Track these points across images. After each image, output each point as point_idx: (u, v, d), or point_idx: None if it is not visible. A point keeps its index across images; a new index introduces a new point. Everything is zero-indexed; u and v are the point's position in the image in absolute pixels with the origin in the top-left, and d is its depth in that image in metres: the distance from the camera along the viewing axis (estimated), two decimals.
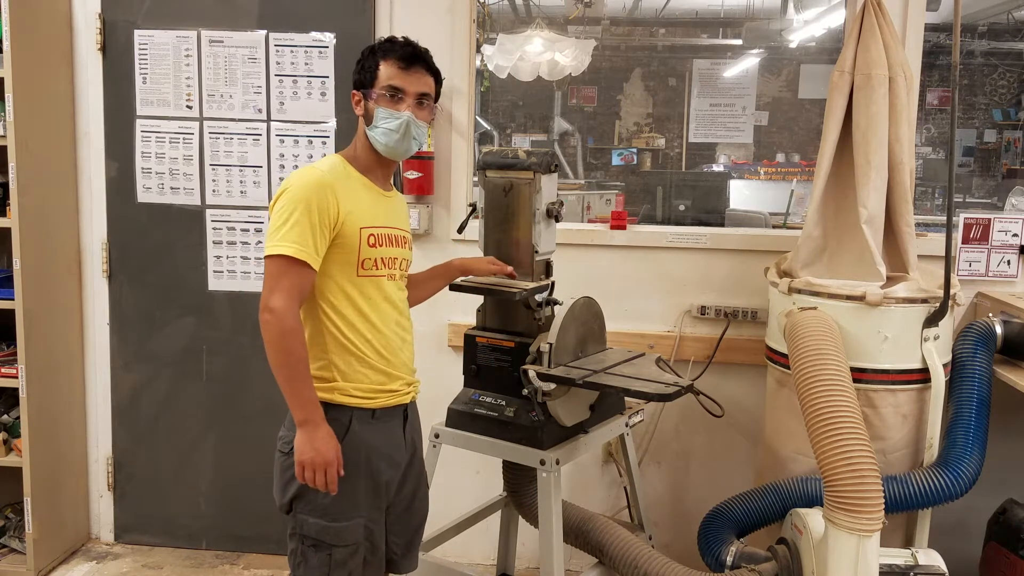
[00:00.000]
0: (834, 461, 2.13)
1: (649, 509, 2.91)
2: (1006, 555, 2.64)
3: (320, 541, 2.00)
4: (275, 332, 1.87)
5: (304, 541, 2.02)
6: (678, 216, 5.31)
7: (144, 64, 3.27)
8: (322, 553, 2.01)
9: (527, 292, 2.33)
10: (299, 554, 2.03)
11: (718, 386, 2.84)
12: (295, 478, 1.98)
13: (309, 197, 1.91)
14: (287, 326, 1.87)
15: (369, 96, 2.04)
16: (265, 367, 3.38)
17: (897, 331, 2.50)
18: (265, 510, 3.42)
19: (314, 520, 2.00)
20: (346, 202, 1.97)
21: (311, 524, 2.01)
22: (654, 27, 9.18)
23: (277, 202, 1.94)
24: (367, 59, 2.06)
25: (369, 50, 2.07)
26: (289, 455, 2.00)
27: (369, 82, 2.05)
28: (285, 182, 1.97)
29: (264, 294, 1.89)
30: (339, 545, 2.01)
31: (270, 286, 1.88)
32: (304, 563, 2.02)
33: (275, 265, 1.89)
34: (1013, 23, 9.01)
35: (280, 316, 1.86)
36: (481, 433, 2.39)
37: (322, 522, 2.00)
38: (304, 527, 2.01)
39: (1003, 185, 8.32)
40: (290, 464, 1.99)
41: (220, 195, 3.30)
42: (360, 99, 2.07)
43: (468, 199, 3.14)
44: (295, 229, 1.88)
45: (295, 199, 1.90)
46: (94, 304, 3.42)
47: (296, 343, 1.89)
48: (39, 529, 3.19)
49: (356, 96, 2.08)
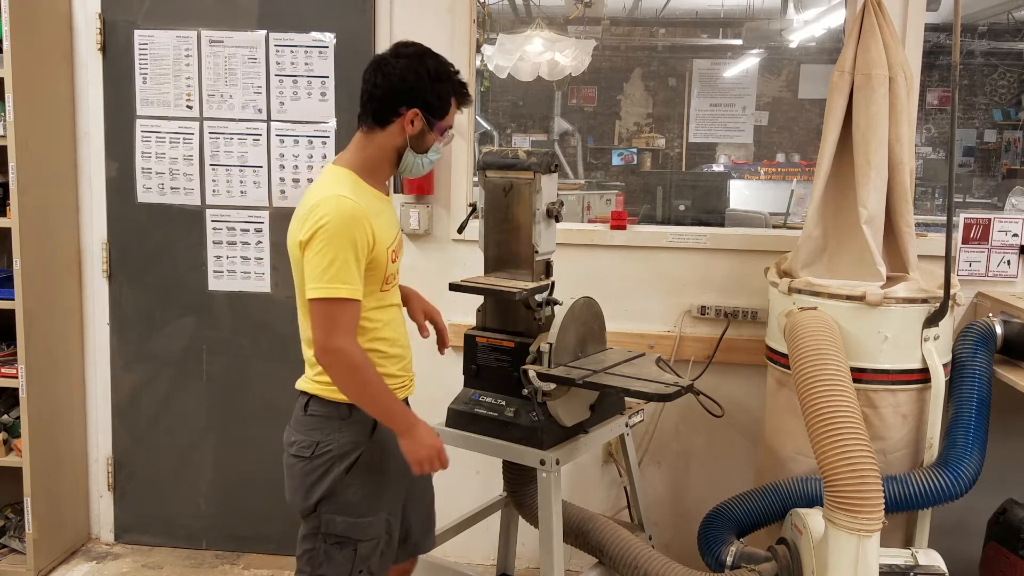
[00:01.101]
0: (834, 461, 2.13)
1: (649, 509, 2.91)
2: (1006, 555, 2.64)
3: (346, 538, 2.03)
4: (346, 369, 1.92)
5: (327, 540, 2.04)
6: (678, 216, 5.31)
7: (144, 64, 3.27)
8: (347, 549, 2.04)
9: (527, 292, 2.33)
10: (321, 553, 2.05)
11: (718, 386, 2.84)
12: (320, 481, 2.01)
13: (350, 232, 1.88)
14: (356, 361, 1.91)
15: (435, 127, 2.02)
16: (265, 367, 3.40)
17: (897, 331, 2.50)
18: (265, 510, 3.42)
19: (342, 519, 2.03)
20: (376, 227, 1.96)
21: (338, 522, 2.03)
22: (654, 27, 9.18)
23: (316, 237, 1.88)
24: (442, 88, 2.00)
25: (441, 78, 2.00)
26: (311, 459, 2.02)
27: (441, 115, 2.02)
28: (317, 213, 1.89)
29: (321, 335, 1.90)
30: (364, 540, 2.05)
31: (327, 327, 1.89)
32: (327, 561, 2.05)
33: (330, 307, 1.89)
34: (1013, 23, 9.01)
35: (347, 354, 1.90)
36: (481, 433, 2.39)
37: (350, 519, 2.03)
38: (330, 526, 2.04)
39: (1003, 185, 8.32)
40: (312, 468, 2.02)
41: (220, 195, 3.30)
42: (421, 124, 2.00)
43: (468, 199, 3.14)
44: (344, 269, 1.88)
45: (336, 234, 1.87)
46: (94, 304, 3.42)
47: (369, 372, 1.93)
48: (39, 529, 3.19)
49: (415, 116, 1.99)
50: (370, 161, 2.03)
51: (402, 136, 2.00)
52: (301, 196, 3.20)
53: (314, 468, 2.02)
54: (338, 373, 1.92)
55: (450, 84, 2.02)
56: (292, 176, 3.26)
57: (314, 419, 2.05)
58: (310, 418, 2.05)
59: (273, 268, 3.31)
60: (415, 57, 1.99)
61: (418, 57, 1.99)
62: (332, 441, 2.02)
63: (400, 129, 2.00)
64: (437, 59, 2.02)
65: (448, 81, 2.02)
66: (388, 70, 1.98)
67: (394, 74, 1.97)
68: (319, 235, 1.88)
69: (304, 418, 2.06)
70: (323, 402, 2.04)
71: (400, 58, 1.99)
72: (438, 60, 2.02)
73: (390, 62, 1.99)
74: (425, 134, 2.02)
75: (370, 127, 2.02)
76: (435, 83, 1.99)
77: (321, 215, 1.89)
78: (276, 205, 3.29)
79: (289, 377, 3.34)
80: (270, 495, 3.42)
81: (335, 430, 2.02)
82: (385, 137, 2.01)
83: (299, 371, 3.29)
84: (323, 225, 1.88)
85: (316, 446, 2.02)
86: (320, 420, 2.04)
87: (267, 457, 3.40)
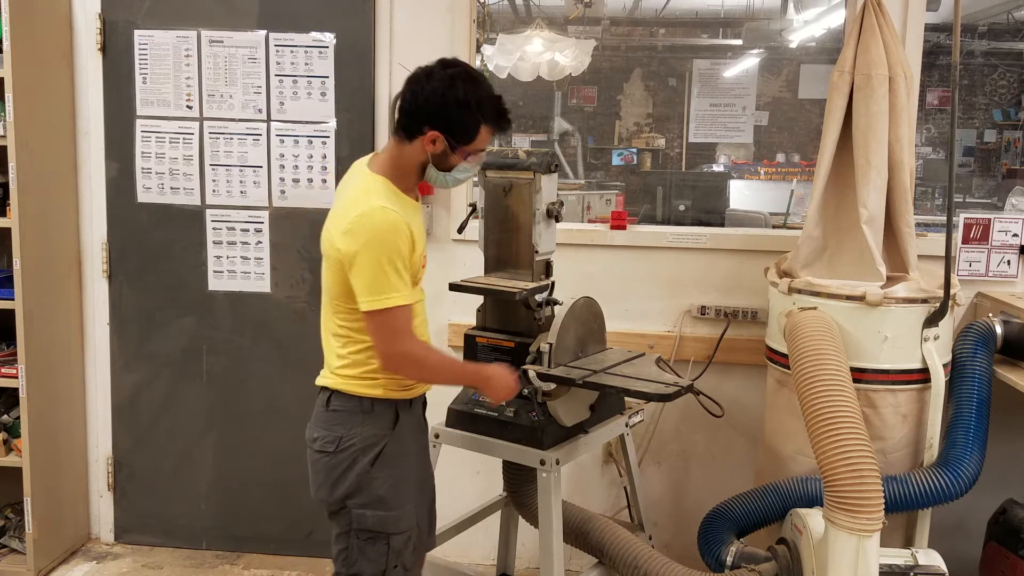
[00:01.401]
0: (834, 461, 2.12)
1: (649, 509, 2.91)
2: (1006, 555, 2.64)
3: (378, 532, 2.07)
4: (414, 367, 2.05)
5: (359, 536, 2.08)
6: (678, 216, 5.31)
7: (144, 64, 3.27)
8: (380, 544, 2.07)
9: (527, 292, 2.33)
10: (355, 550, 2.08)
11: (718, 386, 2.84)
12: (345, 475, 2.05)
13: (395, 242, 1.94)
14: (419, 357, 2.03)
15: (457, 151, 2.02)
16: (265, 367, 3.40)
17: (897, 331, 2.50)
18: (265, 510, 3.43)
19: (372, 513, 2.06)
20: (416, 235, 2.01)
21: (369, 517, 2.07)
22: (654, 27, 9.19)
23: (363, 251, 1.91)
24: (468, 115, 1.99)
25: (468, 105, 1.98)
26: (336, 453, 2.06)
27: (465, 140, 2.01)
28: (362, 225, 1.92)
29: (383, 345, 1.99)
30: (396, 533, 2.09)
31: (387, 337, 1.98)
32: (362, 557, 2.08)
33: (386, 317, 1.96)
34: (1013, 23, 9.01)
35: (414, 355, 2.02)
36: (481, 433, 2.39)
37: (380, 512, 2.07)
38: (361, 521, 2.07)
39: (1003, 185, 8.33)
40: (337, 462, 2.06)
41: (220, 195, 3.30)
42: (443, 146, 2.00)
43: (468, 199, 3.14)
44: (396, 277, 1.94)
45: (382, 246, 1.92)
46: (94, 304, 3.42)
47: (433, 359, 2.08)
48: (39, 529, 3.19)
49: (436, 138, 1.99)
50: (400, 170, 2.06)
51: (425, 153, 2.02)
52: (302, 196, 3.25)
53: (339, 462, 2.06)
54: (409, 372, 2.06)
55: (480, 111, 2.00)
56: (292, 176, 3.26)
57: (336, 414, 2.08)
58: (332, 413, 2.09)
59: (273, 268, 3.31)
60: (447, 80, 1.97)
61: (450, 80, 1.97)
62: (355, 435, 2.06)
63: (422, 146, 2.01)
64: (473, 84, 1.99)
65: (478, 108, 1.99)
66: (418, 88, 1.99)
67: (421, 94, 1.98)
68: (366, 249, 1.92)
69: (326, 414, 2.10)
70: (345, 397, 2.07)
71: (433, 79, 1.98)
72: (473, 86, 1.99)
73: (422, 81, 1.99)
74: (447, 155, 2.03)
75: (400, 138, 2.04)
76: (461, 109, 1.98)
77: (370, 230, 1.92)
78: (276, 205, 3.29)
79: (289, 377, 3.37)
80: (270, 495, 3.42)
81: (357, 424, 2.06)
82: (411, 150, 2.03)
83: (298, 371, 3.31)
84: (369, 238, 1.92)
85: (340, 441, 2.06)
86: (342, 415, 2.08)
87: (267, 457, 3.41)
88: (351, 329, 2.06)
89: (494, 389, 2.14)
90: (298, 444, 3.31)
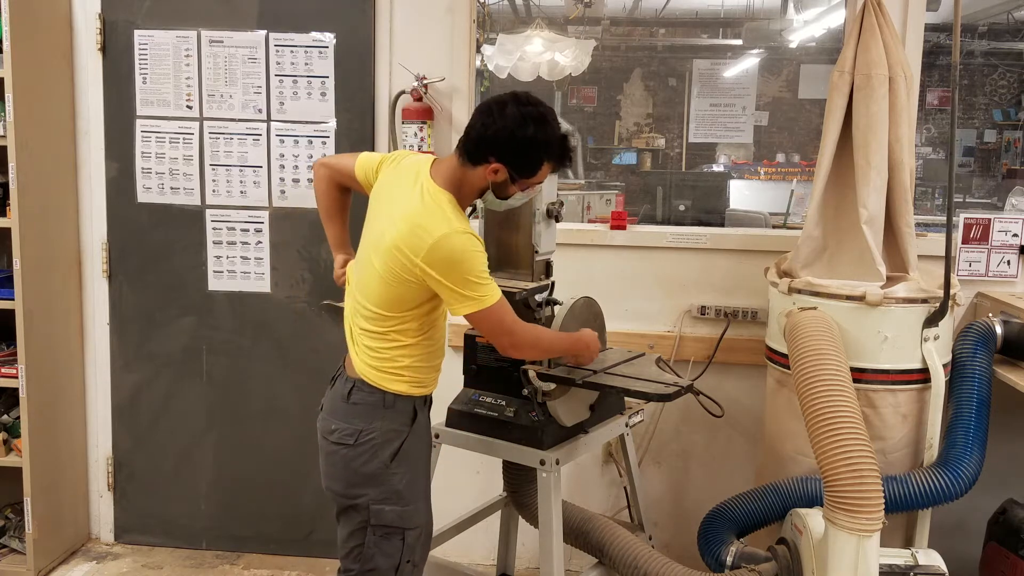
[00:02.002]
0: (834, 461, 2.13)
1: (649, 509, 2.91)
2: (1006, 555, 2.64)
3: (395, 527, 2.10)
4: (535, 348, 2.17)
5: (376, 531, 2.10)
6: (678, 216, 5.31)
7: (144, 64, 3.27)
8: (396, 539, 2.11)
9: (527, 292, 2.33)
10: (372, 545, 2.11)
11: (718, 386, 2.83)
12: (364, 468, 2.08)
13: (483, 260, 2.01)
14: (532, 340, 2.14)
15: (517, 182, 2.07)
16: (264, 367, 3.40)
17: (897, 331, 2.50)
18: (265, 510, 3.43)
19: (390, 508, 2.09)
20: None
21: (387, 512, 2.09)
22: (654, 27, 9.18)
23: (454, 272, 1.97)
24: (532, 152, 2.03)
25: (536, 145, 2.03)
26: (355, 446, 2.08)
27: (527, 175, 2.06)
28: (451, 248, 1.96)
29: (503, 337, 2.07)
30: (411, 528, 2.12)
31: (500, 331, 2.07)
32: (378, 552, 2.11)
33: (489, 314, 2.03)
34: (1013, 23, 9.01)
35: (531, 342, 2.13)
36: (481, 433, 2.39)
37: (398, 508, 2.10)
38: (380, 516, 2.10)
39: (1003, 185, 8.32)
40: (356, 455, 2.08)
41: (220, 195, 3.30)
42: (504, 176, 2.05)
43: None
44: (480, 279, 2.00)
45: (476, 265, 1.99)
46: (94, 304, 3.42)
47: (544, 336, 2.20)
48: (39, 529, 3.19)
49: (498, 169, 2.03)
50: (461, 190, 2.09)
51: (486, 180, 2.06)
52: (302, 196, 3.25)
53: (357, 455, 2.08)
54: (529, 356, 2.18)
55: (546, 151, 2.05)
56: (292, 176, 3.26)
57: (358, 407, 2.10)
58: (352, 406, 2.11)
59: (273, 268, 3.31)
60: (519, 118, 2.00)
61: (522, 119, 2.00)
62: (375, 429, 2.08)
63: (485, 173, 2.05)
64: (542, 124, 2.03)
65: (544, 149, 2.04)
66: (489, 120, 2.02)
67: (492, 126, 2.01)
68: (456, 270, 1.97)
69: (346, 406, 2.11)
70: (367, 390, 2.10)
71: (506, 113, 2.01)
72: (542, 126, 2.03)
73: (495, 113, 2.02)
74: (507, 185, 2.07)
75: (464, 160, 2.07)
76: (528, 148, 2.02)
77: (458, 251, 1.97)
78: (276, 205, 3.29)
79: (289, 377, 3.37)
80: (270, 495, 3.42)
81: (378, 418, 2.09)
82: (473, 175, 2.06)
83: (298, 371, 3.31)
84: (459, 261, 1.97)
85: (359, 434, 2.08)
86: (363, 408, 2.09)
87: (267, 457, 3.41)
88: (390, 327, 2.08)
89: (590, 354, 2.26)
90: (298, 444, 3.34)
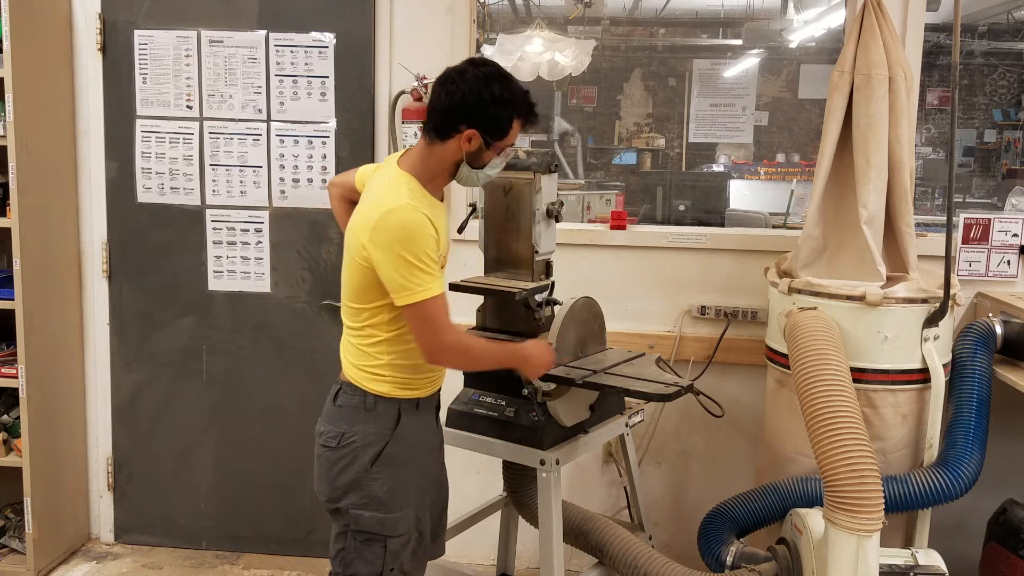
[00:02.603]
0: (834, 461, 2.13)
1: (649, 509, 2.91)
2: (1006, 555, 2.64)
3: (375, 534, 2.06)
4: (462, 356, 2.09)
5: (357, 537, 2.07)
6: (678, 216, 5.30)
7: (144, 64, 3.27)
8: (376, 546, 2.06)
9: (527, 292, 2.33)
10: (352, 551, 2.08)
11: (718, 386, 2.83)
12: (345, 471, 2.05)
13: (423, 238, 1.94)
14: (461, 346, 2.05)
15: (492, 146, 2.04)
16: (264, 367, 3.40)
17: (897, 331, 2.50)
18: (265, 510, 3.43)
19: (369, 514, 2.06)
20: (441, 234, 2.02)
21: (367, 518, 2.06)
22: (654, 27, 9.18)
23: (391, 249, 1.92)
24: (502, 109, 2.01)
25: (504, 102, 2.01)
26: (337, 449, 2.06)
27: (500, 136, 2.03)
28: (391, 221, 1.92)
29: (429, 336, 1.98)
30: (393, 536, 2.07)
31: (428, 329, 1.98)
32: (358, 558, 2.07)
33: (423, 309, 1.96)
34: (1013, 23, 9.01)
35: (458, 347, 2.03)
36: (481, 433, 2.39)
37: (378, 514, 2.06)
38: (359, 522, 2.06)
39: (1003, 185, 8.32)
40: (338, 458, 2.06)
41: (220, 195, 3.30)
42: (479, 143, 2.02)
43: (468, 199, 3.14)
44: (425, 269, 1.94)
45: (416, 243, 1.93)
46: (94, 304, 3.42)
47: (475, 344, 2.12)
48: (39, 529, 3.19)
49: (472, 136, 2.00)
50: (430, 171, 2.06)
51: (460, 152, 2.03)
52: (302, 196, 3.25)
53: (340, 458, 2.06)
54: (454, 362, 2.10)
55: (513, 107, 2.03)
56: (292, 176, 3.26)
57: (342, 409, 2.08)
58: (338, 408, 2.09)
59: (273, 268, 3.31)
60: (482, 79, 1.99)
61: (484, 79, 1.99)
62: (357, 432, 2.06)
63: (458, 145, 2.02)
64: (505, 82, 2.02)
65: (511, 104, 2.02)
66: (452, 88, 1.99)
67: (457, 93, 1.99)
68: (393, 247, 1.92)
69: (333, 408, 2.10)
70: (351, 392, 2.08)
71: (467, 77, 1.99)
72: (505, 83, 2.02)
73: (455, 80, 2.00)
74: (482, 152, 2.04)
75: (432, 138, 2.04)
76: (496, 107, 2.00)
77: (400, 228, 1.92)
78: (276, 205, 3.29)
79: (289, 377, 3.37)
80: (270, 495, 3.42)
81: (360, 421, 2.06)
82: (444, 151, 2.03)
83: (298, 371, 3.31)
84: (397, 237, 1.92)
85: (342, 436, 2.06)
86: (347, 411, 2.07)
87: (267, 457, 3.41)
88: (364, 321, 2.06)
89: (532, 367, 2.16)
90: (298, 444, 3.34)
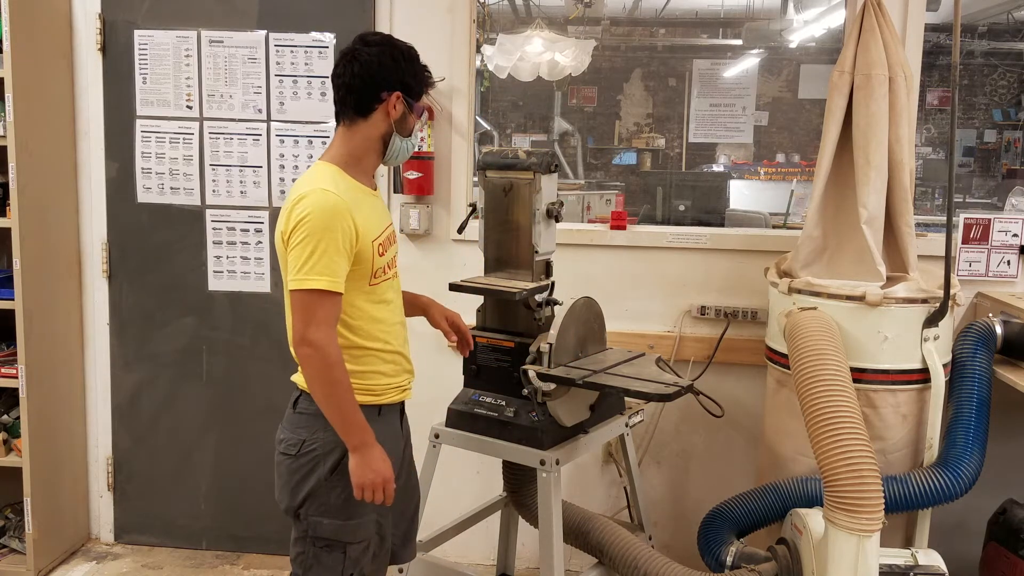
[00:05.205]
0: (834, 461, 2.13)
1: (649, 509, 2.91)
2: (1006, 555, 2.64)
3: (334, 540, 2.01)
4: (319, 365, 1.89)
5: (316, 543, 2.02)
6: (678, 216, 5.30)
7: (144, 64, 3.27)
8: (336, 552, 2.02)
9: (527, 292, 2.33)
10: (310, 556, 2.03)
11: (718, 386, 2.84)
12: (305, 480, 2.00)
13: (331, 224, 1.88)
14: (331, 358, 1.89)
15: (414, 108, 2.03)
16: (264, 367, 3.40)
17: (897, 331, 2.50)
18: (265, 510, 3.42)
19: (328, 521, 2.01)
20: (360, 220, 1.94)
21: (325, 525, 2.01)
22: (654, 27, 9.18)
23: (297, 230, 1.88)
24: (413, 64, 2.01)
25: (412, 58, 2.02)
26: (297, 457, 2.02)
27: (417, 94, 2.03)
28: (300, 207, 1.89)
29: (298, 327, 1.89)
30: (353, 542, 2.02)
31: (305, 319, 1.88)
32: (316, 564, 2.03)
33: (308, 298, 1.88)
34: (1013, 23, 9.01)
35: (322, 349, 1.88)
36: (481, 433, 2.39)
37: (336, 521, 2.01)
38: (318, 529, 2.01)
39: (1003, 185, 8.31)
40: (298, 467, 2.01)
41: (220, 195, 3.30)
42: (403, 106, 2.00)
43: (468, 199, 3.14)
44: (323, 260, 1.87)
45: (317, 228, 1.87)
46: (94, 304, 3.42)
47: (341, 373, 1.91)
48: (39, 529, 3.19)
49: (398, 100, 1.99)
50: (354, 154, 2.03)
51: (387, 122, 2.01)
52: None
53: (300, 467, 2.01)
54: (309, 367, 1.91)
55: (418, 60, 2.05)
56: (292, 176, 3.26)
57: (302, 417, 2.03)
58: (298, 416, 2.04)
59: (273, 268, 3.31)
60: (385, 43, 2.01)
61: (385, 45, 2.01)
62: (317, 440, 2.00)
63: (384, 115, 2.00)
64: (400, 45, 2.04)
65: (416, 61, 2.05)
66: (364, 59, 1.98)
67: (371, 62, 1.98)
68: (300, 229, 1.88)
69: (293, 415, 2.06)
70: (310, 398, 2.00)
71: (371, 46, 2.00)
72: (400, 46, 2.04)
73: (363, 51, 1.99)
74: (407, 116, 2.04)
75: (352, 120, 2.01)
76: (410, 64, 2.02)
77: (303, 209, 1.89)
78: (276, 205, 3.29)
79: (289, 377, 3.36)
80: (270, 495, 3.40)
81: (320, 428, 1.99)
82: (369, 127, 2.01)
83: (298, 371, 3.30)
84: (304, 218, 1.88)
85: (302, 444, 2.01)
86: (307, 418, 2.02)
87: (267, 457, 3.38)
88: None
89: (365, 463, 1.93)
90: None
